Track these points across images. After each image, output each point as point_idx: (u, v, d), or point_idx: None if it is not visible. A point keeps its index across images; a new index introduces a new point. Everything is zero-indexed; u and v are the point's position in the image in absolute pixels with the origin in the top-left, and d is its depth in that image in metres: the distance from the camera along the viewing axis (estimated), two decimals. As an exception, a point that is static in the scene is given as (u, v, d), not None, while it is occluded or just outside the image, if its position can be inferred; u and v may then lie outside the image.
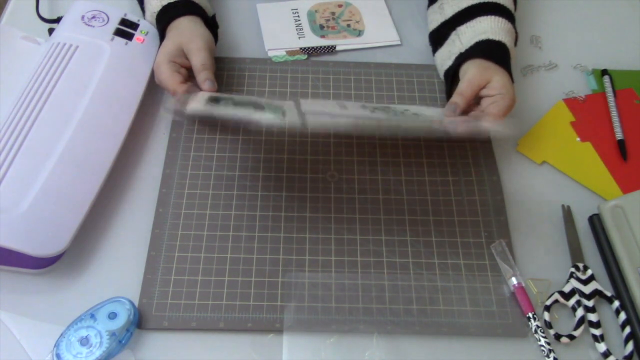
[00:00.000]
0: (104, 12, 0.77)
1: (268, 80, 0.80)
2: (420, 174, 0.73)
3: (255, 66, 0.81)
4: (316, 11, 0.88)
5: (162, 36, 0.76)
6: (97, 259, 0.66)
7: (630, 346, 0.62)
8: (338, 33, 0.85)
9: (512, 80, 0.72)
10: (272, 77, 0.80)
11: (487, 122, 0.69)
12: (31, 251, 0.60)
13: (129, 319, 0.60)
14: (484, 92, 0.71)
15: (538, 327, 0.62)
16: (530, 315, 0.63)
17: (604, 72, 0.82)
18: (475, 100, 0.72)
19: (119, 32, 0.75)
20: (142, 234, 0.67)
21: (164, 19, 0.75)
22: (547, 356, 0.61)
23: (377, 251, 0.67)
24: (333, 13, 0.88)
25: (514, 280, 0.64)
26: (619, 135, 0.76)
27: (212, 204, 0.69)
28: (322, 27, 0.86)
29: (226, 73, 0.80)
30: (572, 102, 0.80)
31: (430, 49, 0.82)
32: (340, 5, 0.89)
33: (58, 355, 0.58)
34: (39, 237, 0.61)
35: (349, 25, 0.86)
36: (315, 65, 0.81)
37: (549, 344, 0.61)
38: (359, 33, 0.86)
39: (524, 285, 0.64)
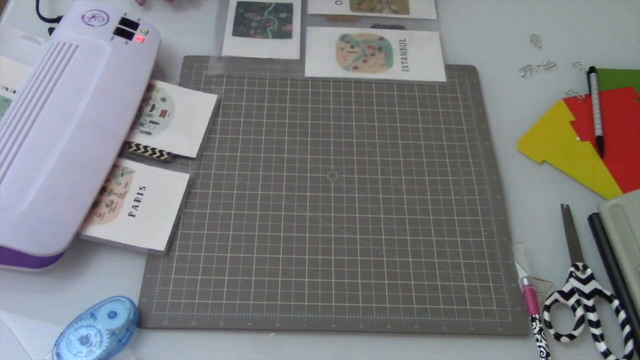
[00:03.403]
0: (104, 12, 0.77)
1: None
2: (420, 174, 0.73)
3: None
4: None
5: None
6: (97, 258, 0.66)
7: (630, 345, 0.62)
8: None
9: None
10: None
11: None
12: (31, 250, 0.60)
13: (129, 318, 0.60)
14: None
15: (541, 329, 0.62)
16: (537, 316, 0.63)
17: (592, 69, 0.82)
18: None
19: (119, 32, 0.76)
20: (142, 233, 0.67)
21: None
22: (545, 359, 0.61)
23: (377, 251, 0.67)
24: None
25: (525, 281, 0.64)
26: (598, 132, 0.76)
27: (212, 204, 0.69)
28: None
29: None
30: (571, 102, 0.80)
31: None
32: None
33: (58, 355, 0.58)
34: (39, 236, 0.61)
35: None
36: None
37: (547, 347, 0.61)
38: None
39: (534, 287, 0.64)
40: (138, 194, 0.67)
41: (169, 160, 0.71)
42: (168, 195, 0.68)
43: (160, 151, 0.70)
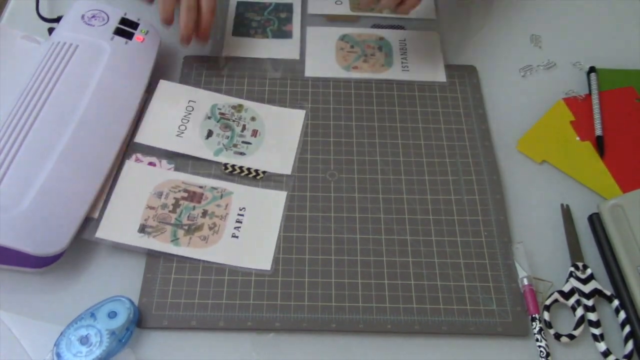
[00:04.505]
0: (104, 12, 0.77)
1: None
2: (420, 174, 0.73)
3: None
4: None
5: None
6: (97, 258, 0.66)
7: (630, 345, 0.62)
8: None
9: None
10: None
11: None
12: (31, 250, 0.60)
13: (128, 318, 0.60)
14: None
15: (541, 329, 0.62)
16: (537, 316, 0.63)
17: (592, 69, 0.82)
18: None
19: (119, 32, 0.76)
20: (142, 233, 0.67)
21: None
22: (545, 359, 0.61)
23: (377, 251, 0.67)
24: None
25: (525, 281, 0.64)
26: (598, 132, 0.76)
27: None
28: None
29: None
30: (571, 102, 0.80)
31: None
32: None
33: (58, 355, 0.58)
34: (39, 236, 0.61)
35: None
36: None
37: (547, 347, 0.61)
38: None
39: (534, 287, 0.64)
40: (239, 215, 0.67)
41: (264, 179, 0.71)
42: (268, 214, 0.68)
43: (256, 170, 0.70)
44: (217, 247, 0.65)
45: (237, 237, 0.66)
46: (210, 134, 0.73)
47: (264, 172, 0.71)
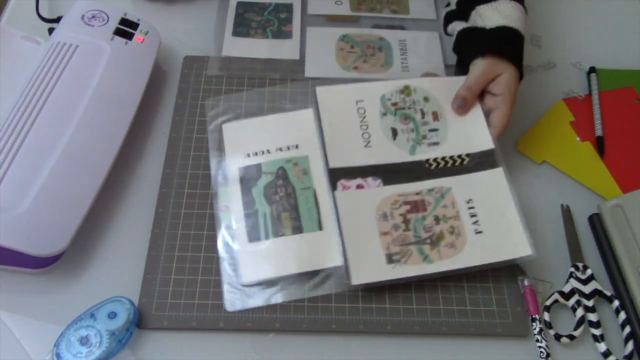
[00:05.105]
0: (104, 12, 0.77)
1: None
2: (421, 174, 0.72)
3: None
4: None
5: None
6: (97, 259, 0.66)
7: (630, 346, 0.62)
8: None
9: (522, 76, 0.72)
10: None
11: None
12: (31, 251, 0.60)
13: (128, 319, 0.60)
14: (489, 87, 0.71)
15: (541, 330, 0.62)
16: (537, 317, 0.63)
17: (592, 69, 0.82)
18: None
19: (119, 32, 0.75)
20: (142, 234, 0.67)
21: None
22: (545, 359, 0.61)
23: (378, 251, 0.67)
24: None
25: (525, 282, 0.64)
26: (598, 132, 0.76)
27: (212, 204, 0.69)
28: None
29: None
30: (571, 102, 0.80)
31: None
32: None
33: (58, 355, 0.58)
34: (39, 236, 0.61)
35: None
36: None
37: (547, 347, 0.61)
38: None
39: (534, 288, 0.64)
40: (469, 208, 0.63)
41: (471, 161, 0.66)
42: (496, 196, 0.64)
43: (459, 156, 0.66)
44: (468, 250, 0.62)
45: (481, 232, 0.62)
46: (395, 132, 0.69)
47: (467, 155, 0.66)
